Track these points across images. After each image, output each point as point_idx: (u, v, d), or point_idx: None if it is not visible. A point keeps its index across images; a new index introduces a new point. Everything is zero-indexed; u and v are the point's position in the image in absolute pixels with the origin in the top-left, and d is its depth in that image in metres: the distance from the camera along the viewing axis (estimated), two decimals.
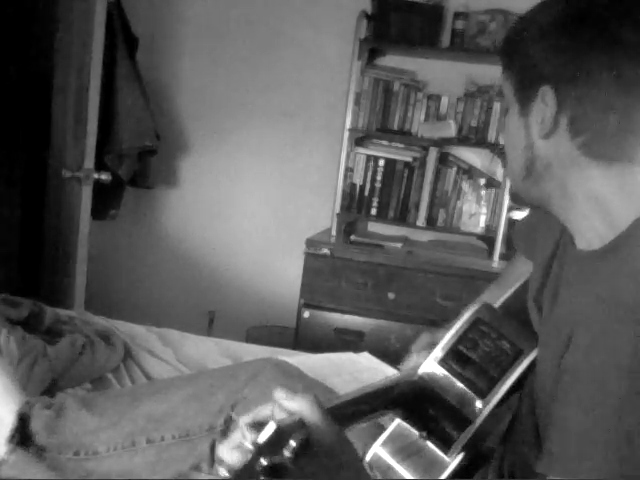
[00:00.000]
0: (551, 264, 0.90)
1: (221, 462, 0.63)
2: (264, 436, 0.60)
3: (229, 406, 1.26)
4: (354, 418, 0.79)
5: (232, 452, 0.65)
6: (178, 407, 1.26)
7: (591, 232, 0.80)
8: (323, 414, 0.65)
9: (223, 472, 0.61)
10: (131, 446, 1.23)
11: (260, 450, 0.59)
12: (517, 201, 0.92)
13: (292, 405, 0.65)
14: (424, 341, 1.12)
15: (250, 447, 0.60)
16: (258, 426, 0.63)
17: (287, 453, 0.59)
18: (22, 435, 1.22)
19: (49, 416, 1.25)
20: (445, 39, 2.76)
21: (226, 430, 1.25)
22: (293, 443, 0.60)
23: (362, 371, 1.73)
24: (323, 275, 2.62)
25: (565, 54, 0.76)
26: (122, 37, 2.68)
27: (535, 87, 0.78)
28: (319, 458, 0.64)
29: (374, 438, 0.90)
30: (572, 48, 0.76)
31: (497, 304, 1.02)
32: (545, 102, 0.77)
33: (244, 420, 0.66)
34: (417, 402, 0.87)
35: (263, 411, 0.67)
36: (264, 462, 0.58)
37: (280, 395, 0.67)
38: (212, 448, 1.26)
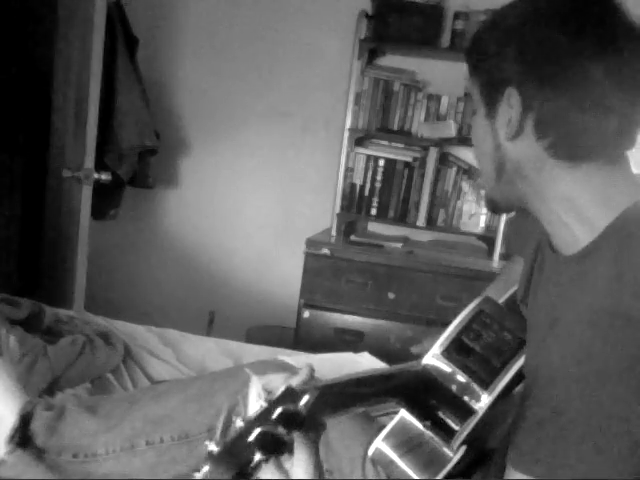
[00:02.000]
0: (533, 264, 0.91)
1: (238, 415, 0.64)
2: (277, 394, 0.63)
3: (228, 408, 1.26)
4: (354, 399, 0.80)
5: (249, 409, 0.68)
6: (177, 409, 1.26)
7: (568, 235, 0.79)
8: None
9: (239, 422, 0.61)
10: (130, 448, 1.23)
11: (274, 402, 0.61)
12: (493, 208, 0.90)
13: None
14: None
15: (264, 404, 0.62)
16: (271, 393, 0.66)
17: (302, 406, 0.62)
18: (22, 435, 1.22)
19: (49, 417, 1.25)
20: (445, 39, 2.76)
21: (225, 426, 1.25)
22: (307, 397, 0.63)
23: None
24: (323, 275, 2.62)
25: (529, 56, 0.76)
26: (122, 37, 2.68)
27: (501, 89, 0.78)
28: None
29: (376, 436, 0.90)
30: (535, 50, 0.75)
31: (500, 301, 1.03)
32: (510, 104, 0.77)
33: (256, 384, 0.69)
34: (420, 392, 0.87)
35: (274, 381, 0.69)
36: (279, 410, 0.60)
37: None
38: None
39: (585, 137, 0.76)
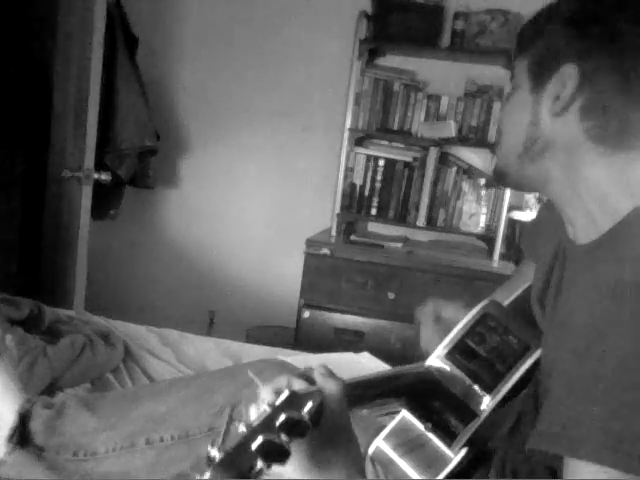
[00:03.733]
0: (553, 265, 0.90)
1: (239, 420, 0.64)
2: (280, 399, 0.63)
3: (229, 407, 1.25)
4: (359, 401, 0.80)
5: (252, 414, 0.67)
6: (177, 408, 1.26)
7: (588, 222, 0.79)
8: (342, 389, 0.71)
9: (241, 428, 0.62)
10: (130, 447, 1.22)
11: (277, 408, 0.62)
12: (502, 181, 0.89)
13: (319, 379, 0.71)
14: (430, 310, 1.12)
15: (267, 408, 0.63)
16: (276, 395, 0.66)
17: (305, 414, 0.62)
18: (21, 434, 1.22)
19: (49, 416, 1.25)
20: (445, 39, 2.76)
21: (227, 431, 1.24)
22: (310, 404, 0.63)
23: (362, 371, 1.72)
24: (323, 275, 2.62)
25: (592, 39, 0.76)
26: (122, 37, 2.68)
27: (556, 65, 0.78)
28: (328, 429, 0.67)
29: (377, 435, 0.90)
30: (600, 34, 0.75)
31: (504, 304, 1.02)
32: (564, 81, 0.77)
33: (265, 390, 0.69)
34: (423, 393, 0.87)
35: (280, 381, 0.69)
36: (283, 417, 0.60)
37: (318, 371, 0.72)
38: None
39: (629, 126, 0.76)
